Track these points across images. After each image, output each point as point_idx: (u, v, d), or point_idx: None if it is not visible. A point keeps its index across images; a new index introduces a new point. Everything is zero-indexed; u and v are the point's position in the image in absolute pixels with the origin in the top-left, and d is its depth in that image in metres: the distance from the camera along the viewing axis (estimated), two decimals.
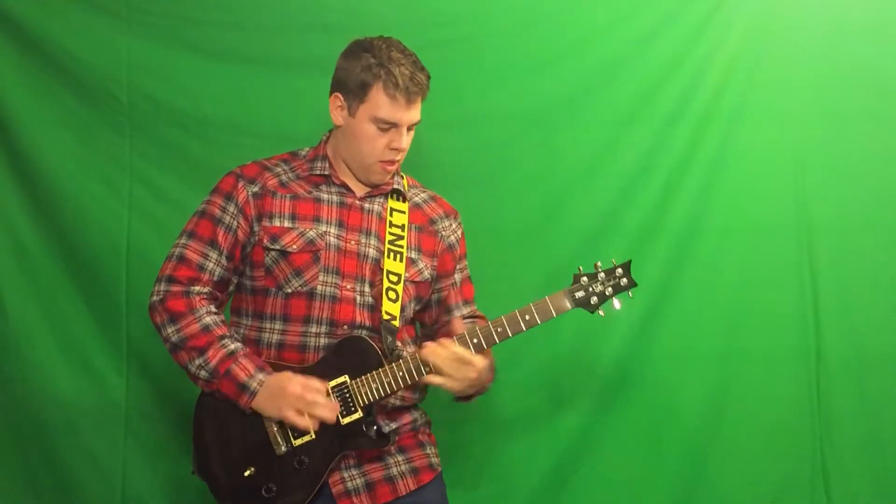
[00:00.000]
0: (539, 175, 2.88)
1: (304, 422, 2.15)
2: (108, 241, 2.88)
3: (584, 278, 2.26)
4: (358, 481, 2.24)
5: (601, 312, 2.27)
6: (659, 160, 2.85)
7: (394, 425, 2.30)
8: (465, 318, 2.41)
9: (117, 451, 2.88)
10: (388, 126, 2.22)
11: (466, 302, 2.45)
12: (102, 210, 2.88)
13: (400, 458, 2.29)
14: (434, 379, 2.19)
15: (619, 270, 2.28)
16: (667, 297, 2.86)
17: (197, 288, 2.25)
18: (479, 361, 2.21)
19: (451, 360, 2.18)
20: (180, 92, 2.88)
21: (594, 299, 2.25)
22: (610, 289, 2.26)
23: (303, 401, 2.14)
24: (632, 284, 2.29)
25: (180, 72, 2.88)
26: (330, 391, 2.19)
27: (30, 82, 2.86)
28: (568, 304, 2.25)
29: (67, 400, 2.87)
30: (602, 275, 2.27)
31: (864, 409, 2.85)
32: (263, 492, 2.19)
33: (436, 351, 2.19)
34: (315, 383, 2.17)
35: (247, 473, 2.20)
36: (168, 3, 2.88)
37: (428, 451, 2.35)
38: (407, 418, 2.33)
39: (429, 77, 2.25)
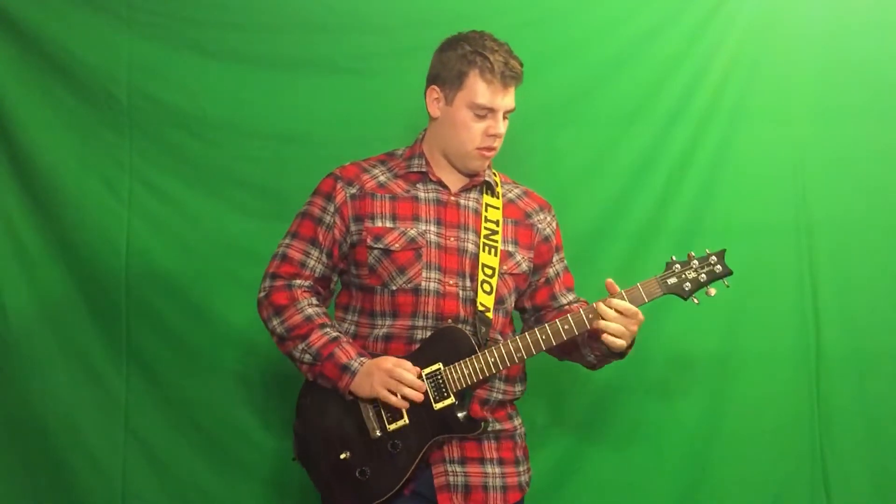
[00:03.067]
0: (539, 174, 2.88)
1: (395, 400, 2.19)
2: (107, 241, 2.88)
3: (677, 266, 2.26)
4: (460, 479, 2.27)
5: (695, 300, 2.26)
6: (659, 159, 2.86)
7: (497, 427, 2.33)
8: (570, 304, 2.44)
9: (117, 451, 2.89)
10: (484, 112, 2.26)
11: (569, 290, 2.48)
12: (102, 210, 2.88)
13: (497, 471, 2.31)
14: (610, 339, 2.21)
15: (714, 258, 2.27)
16: (666, 296, 2.85)
17: (299, 282, 2.32)
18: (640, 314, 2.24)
19: (621, 316, 2.21)
20: (180, 92, 2.89)
21: (687, 285, 2.25)
22: (704, 275, 2.26)
23: (393, 377, 2.19)
24: (727, 272, 2.27)
25: (180, 72, 2.89)
26: (423, 376, 2.22)
27: (30, 82, 2.87)
28: (659, 291, 2.25)
29: (67, 400, 2.88)
30: (696, 262, 2.27)
31: (863, 408, 2.85)
32: (357, 474, 2.24)
33: (606, 311, 2.21)
34: (407, 364, 2.21)
35: (343, 456, 2.25)
36: (168, 3, 2.89)
37: (521, 468, 2.37)
38: (509, 425, 2.36)
39: (522, 65, 2.29)
